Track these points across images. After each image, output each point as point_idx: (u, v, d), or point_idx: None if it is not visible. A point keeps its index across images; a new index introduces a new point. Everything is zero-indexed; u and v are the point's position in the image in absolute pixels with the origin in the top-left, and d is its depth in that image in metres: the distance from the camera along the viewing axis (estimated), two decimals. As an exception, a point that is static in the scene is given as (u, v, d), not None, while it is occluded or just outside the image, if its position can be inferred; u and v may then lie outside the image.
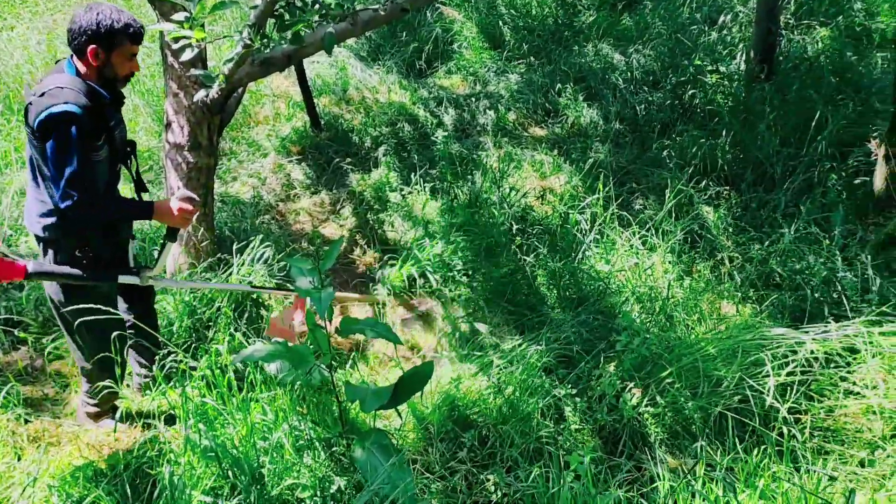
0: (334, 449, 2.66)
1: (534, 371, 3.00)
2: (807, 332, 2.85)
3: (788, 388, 2.76)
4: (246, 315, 3.75)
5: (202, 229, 3.75)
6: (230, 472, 2.54)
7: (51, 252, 2.65)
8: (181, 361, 2.92)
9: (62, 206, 2.45)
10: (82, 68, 2.55)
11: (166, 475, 2.45)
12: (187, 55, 2.85)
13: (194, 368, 2.83)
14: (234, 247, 3.83)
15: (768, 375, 2.67)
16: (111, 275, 2.74)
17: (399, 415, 2.83)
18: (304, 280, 2.36)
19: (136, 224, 3.37)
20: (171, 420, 2.99)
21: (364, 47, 7.01)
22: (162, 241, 2.88)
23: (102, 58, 2.53)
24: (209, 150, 3.72)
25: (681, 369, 2.92)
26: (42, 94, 2.41)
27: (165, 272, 3.71)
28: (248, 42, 2.99)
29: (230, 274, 3.77)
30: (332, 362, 2.45)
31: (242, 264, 3.83)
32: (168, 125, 3.66)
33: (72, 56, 2.57)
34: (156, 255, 2.91)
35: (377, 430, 2.55)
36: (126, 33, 2.53)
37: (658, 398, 2.91)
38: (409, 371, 2.57)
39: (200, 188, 3.73)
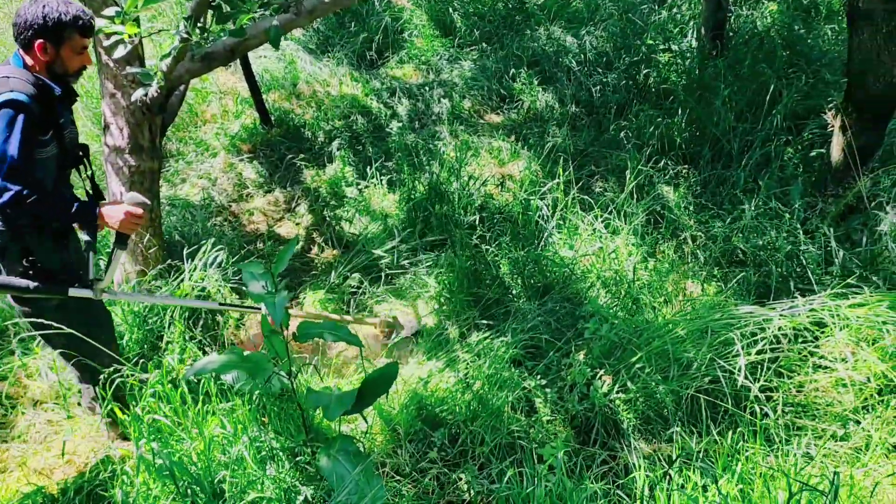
0: (299, 458, 2.54)
1: (501, 364, 2.92)
2: (774, 308, 2.82)
3: (759, 366, 2.73)
4: (201, 323, 3.59)
5: (148, 235, 3.58)
6: (189, 490, 2.41)
7: None
8: (131, 376, 2.77)
9: (9, 197, 2.24)
10: (30, 62, 2.40)
11: (119, 498, 2.31)
12: (120, 52, 2.68)
13: (145, 382, 2.68)
14: (185, 252, 3.66)
15: (738, 355, 2.63)
16: (61, 287, 2.56)
17: (364, 419, 2.72)
18: (257, 285, 2.24)
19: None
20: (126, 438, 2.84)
21: (312, 39, 6.84)
22: (110, 250, 2.73)
23: (51, 53, 2.39)
24: (152, 153, 3.55)
25: (650, 353, 2.87)
26: None
27: (113, 283, 3.54)
28: (186, 36, 2.83)
29: (181, 281, 3.61)
30: (293, 368, 2.33)
31: (194, 270, 3.66)
32: (106, 127, 3.48)
33: (18, 50, 2.42)
34: (103, 266, 2.74)
35: (343, 437, 2.44)
36: (75, 26, 2.39)
37: (629, 384, 2.85)
38: (373, 373, 2.47)
39: (145, 193, 3.56)
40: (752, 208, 3.74)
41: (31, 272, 2.50)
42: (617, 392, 2.90)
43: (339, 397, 2.34)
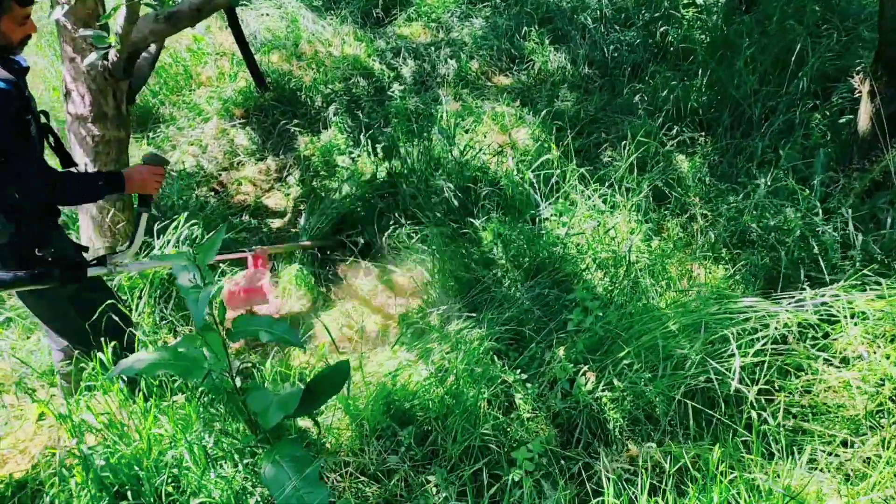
0: (248, 460, 2.35)
1: (477, 357, 2.68)
2: (779, 302, 2.52)
3: (759, 366, 2.44)
4: (172, 300, 3.42)
5: (112, 210, 3.38)
6: (129, 494, 2.25)
7: None
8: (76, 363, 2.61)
9: (21, 192, 2.20)
10: None
11: (47, 501, 2.15)
12: (57, 13, 2.46)
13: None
14: (156, 226, 3.47)
15: (733, 355, 2.35)
16: (80, 270, 2.47)
17: (316, 423, 2.51)
18: (185, 276, 2.02)
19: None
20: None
21: (317, -4, 6.53)
22: (136, 214, 2.58)
23: None
24: (117, 121, 3.33)
25: (639, 348, 2.60)
26: None
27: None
28: (130, -5, 2.59)
29: (150, 258, 3.43)
30: (232, 363, 2.12)
31: (166, 245, 3.48)
32: (67, 94, 3.27)
33: None
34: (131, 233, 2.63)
35: (290, 441, 2.24)
36: None
37: (616, 381, 2.59)
38: (321, 371, 2.26)
39: (112, 164, 3.36)
40: (768, 182, 3.39)
41: (48, 261, 2.39)
42: (602, 390, 2.64)
43: (281, 399, 2.13)
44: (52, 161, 2.59)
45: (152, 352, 2.10)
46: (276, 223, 4.21)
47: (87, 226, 3.41)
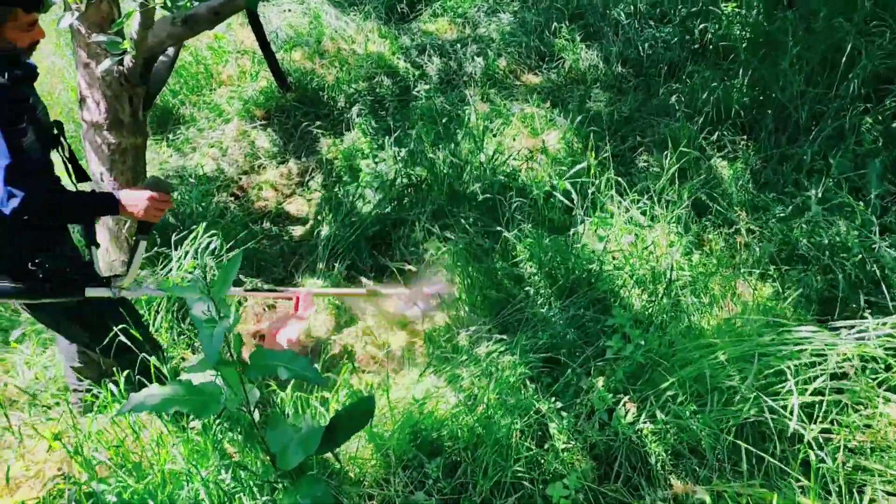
0: (266, 498, 2.22)
1: (509, 386, 2.52)
2: (838, 332, 2.32)
3: (817, 401, 2.25)
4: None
5: (129, 221, 3.26)
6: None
7: None
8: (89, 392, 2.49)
9: (6, 209, 2.03)
10: None
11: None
12: (66, 21, 2.33)
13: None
14: (174, 237, 3.34)
15: (791, 392, 2.16)
16: (77, 289, 2.34)
17: (338, 459, 2.37)
18: (199, 308, 1.88)
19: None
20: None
21: (340, -9, 6.36)
22: (134, 241, 2.46)
23: None
24: (134, 128, 3.21)
25: (684, 378, 2.42)
26: None
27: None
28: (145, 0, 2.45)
29: (170, 270, 3.31)
30: (250, 398, 1.98)
31: (184, 256, 3.35)
32: (82, 101, 3.14)
33: None
34: (127, 259, 2.48)
35: (311, 479, 2.09)
36: (15, 3, 2.06)
37: (658, 413, 2.42)
38: (345, 407, 2.11)
39: (128, 172, 3.24)
40: (819, 194, 3.18)
41: (41, 276, 2.26)
42: (644, 421, 2.47)
43: (302, 437, 1.98)
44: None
45: (165, 386, 1.96)
46: (298, 230, 4.07)
47: (103, 237, 3.30)
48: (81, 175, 2.53)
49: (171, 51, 3.40)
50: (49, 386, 3.05)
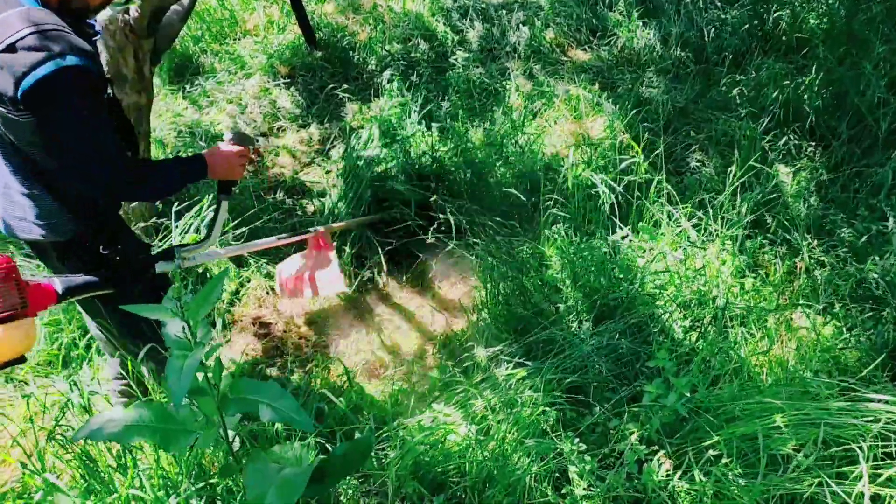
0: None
1: (528, 424, 2.22)
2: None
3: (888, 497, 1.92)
4: (188, 291, 3.02)
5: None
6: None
7: (55, 260, 2.03)
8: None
9: (100, 194, 1.90)
10: None
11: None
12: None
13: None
14: (174, 208, 3.05)
15: (860, 477, 1.83)
16: (148, 266, 2.14)
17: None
18: (176, 325, 1.58)
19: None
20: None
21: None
22: (216, 202, 2.31)
23: None
24: (138, 85, 2.89)
25: (732, 437, 2.10)
26: (13, 47, 1.60)
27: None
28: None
29: (168, 244, 3.03)
30: (225, 431, 1.69)
31: (186, 230, 3.07)
32: (82, 52, 2.82)
33: None
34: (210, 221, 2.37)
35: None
36: None
37: (697, 474, 2.10)
38: (340, 447, 1.82)
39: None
40: (900, 223, 2.80)
41: (116, 259, 2.03)
42: (679, 480, 2.15)
43: (284, 483, 1.70)
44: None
45: (131, 410, 1.68)
46: (312, 205, 3.75)
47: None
48: (132, 144, 2.18)
49: (186, 1, 3.05)
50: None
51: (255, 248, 2.68)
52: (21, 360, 1.76)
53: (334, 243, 3.01)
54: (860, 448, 1.86)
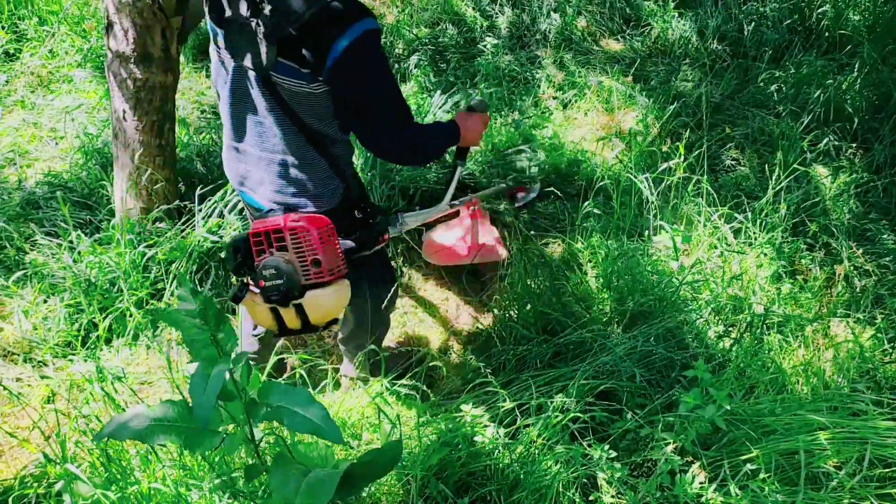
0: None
1: (557, 430, 2.15)
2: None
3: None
4: (210, 278, 2.97)
5: (150, 168, 2.90)
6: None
7: None
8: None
9: (398, 154, 2.03)
10: None
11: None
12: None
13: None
14: (198, 191, 2.98)
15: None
16: (386, 229, 2.16)
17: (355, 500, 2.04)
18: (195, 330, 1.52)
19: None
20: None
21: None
22: (453, 167, 2.38)
23: None
24: (165, 64, 2.82)
25: (771, 452, 2.02)
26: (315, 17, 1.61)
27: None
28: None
29: (192, 227, 2.97)
30: (256, 433, 1.64)
31: (209, 215, 3.00)
32: (109, 27, 2.75)
33: None
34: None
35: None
36: None
37: (733, 489, 2.03)
38: (368, 454, 1.76)
39: (153, 112, 2.87)
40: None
41: (369, 221, 2.07)
42: (714, 492, 2.08)
43: (310, 487, 1.64)
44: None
45: (157, 406, 1.63)
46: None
47: (120, 183, 2.96)
48: None
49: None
50: (44, 341, 2.76)
51: (432, 216, 2.59)
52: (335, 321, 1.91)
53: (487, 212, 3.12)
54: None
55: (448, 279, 3.20)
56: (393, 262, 3.31)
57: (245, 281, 1.84)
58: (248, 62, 1.71)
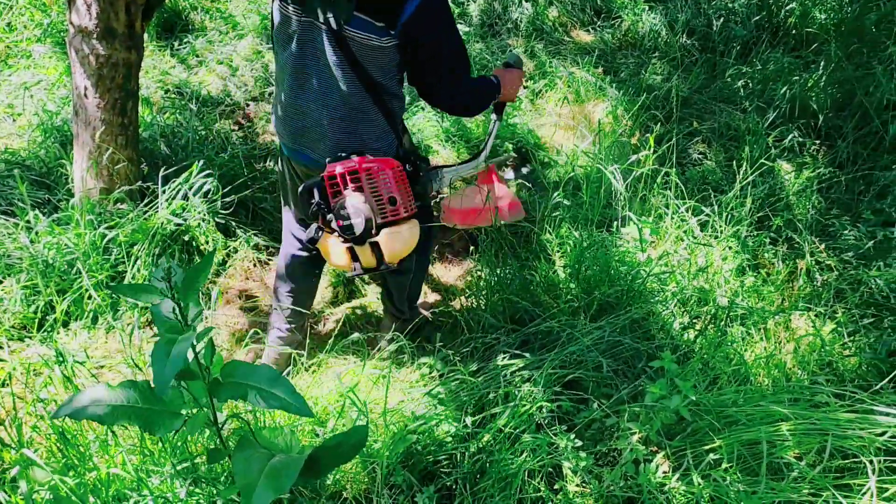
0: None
1: (525, 420, 2.16)
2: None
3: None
4: (174, 260, 2.91)
5: (112, 147, 2.82)
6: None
7: None
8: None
9: (462, 105, 2.09)
10: None
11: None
12: None
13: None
14: (161, 172, 2.91)
15: (867, 492, 1.80)
16: (430, 183, 2.26)
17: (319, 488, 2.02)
18: (168, 305, 1.48)
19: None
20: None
21: None
22: (491, 122, 2.37)
23: None
24: (129, 41, 2.74)
25: (734, 443, 2.05)
26: None
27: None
28: None
29: (156, 210, 2.90)
30: (219, 416, 1.61)
31: (173, 198, 2.93)
32: (71, 1, 2.66)
33: None
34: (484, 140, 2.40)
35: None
36: None
37: (696, 478, 2.06)
38: (333, 437, 1.74)
39: (115, 90, 2.79)
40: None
41: (419, 175, 2.12)
42: (677, 482, 2.11)
43: (273, 471, 1.61)
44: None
45: (117, 388, 1.58)
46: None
47: (80, 162, 2.87)
48: None
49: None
50: (2, 320, 2.67)
51: (469, 172, 2.51)
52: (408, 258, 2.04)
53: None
54: (870, 461, 1.82)
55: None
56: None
57: (319, 224, 1.91)
58: (323, 18, 1.77)
